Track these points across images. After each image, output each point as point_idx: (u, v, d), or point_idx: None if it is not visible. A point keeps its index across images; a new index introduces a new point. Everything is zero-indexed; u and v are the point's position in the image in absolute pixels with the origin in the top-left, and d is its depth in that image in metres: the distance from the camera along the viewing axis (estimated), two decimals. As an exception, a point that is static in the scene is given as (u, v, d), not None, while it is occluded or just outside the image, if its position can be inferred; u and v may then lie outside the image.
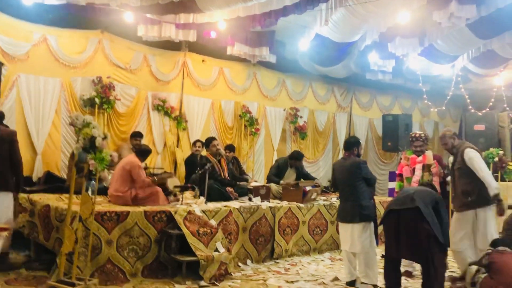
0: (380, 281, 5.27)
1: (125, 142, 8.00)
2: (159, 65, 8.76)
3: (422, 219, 4.54)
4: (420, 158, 6.05)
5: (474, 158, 5.31)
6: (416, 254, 4.64)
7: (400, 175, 6.18)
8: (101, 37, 7.94)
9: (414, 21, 7.88)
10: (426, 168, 5.98)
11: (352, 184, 5.36)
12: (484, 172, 5.24)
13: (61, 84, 7.50)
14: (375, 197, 9.77)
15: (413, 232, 4.55)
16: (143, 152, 6.32)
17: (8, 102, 6.95)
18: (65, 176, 7.25)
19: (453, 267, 6.03)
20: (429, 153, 6.14)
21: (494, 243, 4.76)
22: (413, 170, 6.01)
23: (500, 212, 5.20)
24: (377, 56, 9.49)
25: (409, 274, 5.92)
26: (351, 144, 5.57)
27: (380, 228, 5.61)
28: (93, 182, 5.40)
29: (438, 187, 5.95)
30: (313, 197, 7.50)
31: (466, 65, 10.23)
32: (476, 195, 5.27)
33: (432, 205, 4.66)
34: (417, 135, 6.18)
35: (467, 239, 5.34)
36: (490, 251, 4.59)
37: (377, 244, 5.52)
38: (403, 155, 6.25)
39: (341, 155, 11.89)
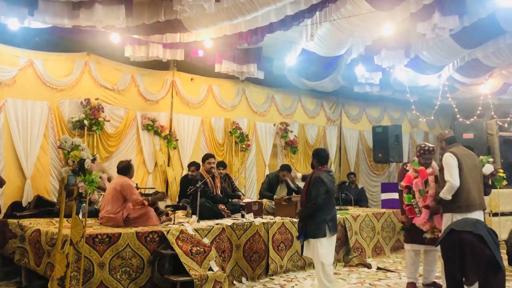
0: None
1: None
2: (147, 85, 8.78)
3: (485, 244, 4.52)
4: (430, 170, 5.92)
5: (445, 162, 5.30)
6: (477, 275, 4.54)
7: (408, 187, 5.99)
8: (87, 59, 7.95)
9: (399, 33, 8.00)
10: (435, 179, 5.92)
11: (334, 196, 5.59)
12: (448, 177, 5.21)
13: (48, 107, 7.47)
14: (368, 208, 9.85)
15: (477, 254, 4.51)
16: (125, 169, 6.22)
17: (-4, 127, 6.91)
18: (55, 200, 7.17)
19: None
20: (434, 164, 6.03)
21: None
22: (425, 182, 5.92)
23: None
24: (364, 69, 9.58)
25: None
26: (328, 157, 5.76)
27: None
28: (84, 204, 5.35)
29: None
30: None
31: (452, 74, 10.36)
32: (449, 200, 5.27)
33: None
34: (428, 148, 5.95)
35: None
36: None
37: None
38: (410, 167, 6.06)
39: (333, 168, 11.94)
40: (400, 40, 8.37)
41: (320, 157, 5.56)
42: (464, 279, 4.55)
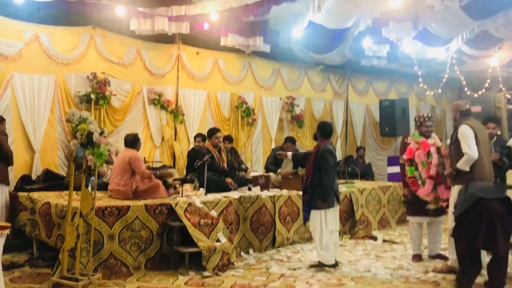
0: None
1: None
2: (153, 59, 8.74)
3: (510, 209, 4.58)
4: (432, 140, 5.94)
5: (463, 134, 5.24)
6: (508, 243, 4.59)
7: (410, 159, 5.96)
8: (92, 33, 7.90)
9: (407, 5, 7.86)
10: (438, 150, 5.93)
11: None
12: (467, 149, 5.14)
13: (55, 82, 7.47)
14: (374, 182, 9.89)
15: (506, 221, 4.53)
16: (133, 142, 6.25)
17: (3, 102, 6.93)
18: (63, 173, 7.25)
19: None
20: (434, 135, 6.05)
21: None
22: (427, 153, 5.92)
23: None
24: (371, 42, 9.47)
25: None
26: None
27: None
28: (92, 178, 5.40)
29: (448, 169, 5.90)
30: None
31: (461, 47, 10.22)
32: (463, 172, 5.25)
33: None
34: (426, 115, 6.05)
35: None
36: None
37: None
38: (411, 140, 6.05)
39: (339, 143, 11.94)
40: (408, 12, 8.23)
41: (325, 130, 5.64)
42: (490, 248, 4.55)
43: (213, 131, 7.40)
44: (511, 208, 4.64)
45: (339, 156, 11.96)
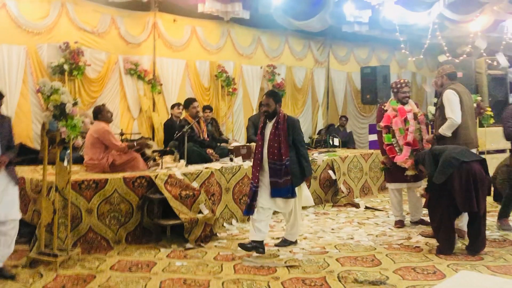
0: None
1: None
2: (128, 27, 8.43)
3: (485, 170, 4.70)
4: (409, 107, 5.91)
5: (448, 98, 5.23)
6: (485, 201, 4.71)
7: (387, 126, 5.94)
8: (64, 0, 7.56)
9: (389, -33, 7.67)
10: (415, 116, 5.89)
11: None
12: (450, 113, 5.15)
13: (26, 52, 7.17)
14: (356, 150, 9.89)
15: (484, 181, 4.64)
16: (96, 113, 5.94)
17: (-30, 73, 6.64)
18: (38, 147, 7.03)
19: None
20: (411, 102, 6.04)
21: None
22: (404, 120, 5.87)
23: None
24: (353, 7, 9.25)
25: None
26: None
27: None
28: (68, 151, 5.21)
29: (425, 135, 5.91)
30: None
31: (442, 11, 10.08)
32: (448, 138, 5.24)
33: None
34: (404, 81, 6.01)
35: None
36: None
37: None
38: (389, 106, 6.01)
39: (320, 111, 11.86)
40: (390, -25, 8.05)
41: (279, 98, 5.14)
42: (471, 210, 4.61)
43: (189, 101, 7.16)
44: (487, 169, 4.76)
45: (321, 125, 11.93)
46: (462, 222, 5.19)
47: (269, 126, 4.98)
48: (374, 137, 9.66)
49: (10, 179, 4.16)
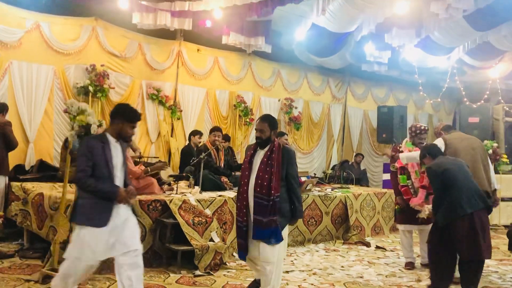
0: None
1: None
2: (154, 54, 8.69)
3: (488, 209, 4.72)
4: None
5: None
6: (490, 248, 4.63)
7: (402, 168, 5.95)
8: (95, 25, 7.85)
9: (411, 12, 7.87)
10: None
11: None
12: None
13: (54, 72, 7.41)
14: (369, 188, 9.87)
15: (486, 228, 4.57)
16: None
17: (0, 89, 6.86)
18: (57, 165, 7.17)
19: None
20: None
21: None
22: (420, 163, 5.88)
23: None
24: (373, 47, 9.46)
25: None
26: None
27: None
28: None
29: None
30: (308, 187, 7.48)
31: (462, 57, 10.24)
32: None
33: None
34: (424, 128, 6.03)
35: None
36: None
37: None
38: (405, 148, 6.02)
39: (335, 147, 11.91)
40: (412, 19, 8.24)
41: (275, 124, 4.61)
42: (474, 257, 4.53)
43: (213, 129, 7.37)
44: (490, 211, 4.73)
45: (335, 160, 11.97)
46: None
47: (260, 155, 4.30)
48: (388, 176, 9.69)
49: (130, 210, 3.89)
